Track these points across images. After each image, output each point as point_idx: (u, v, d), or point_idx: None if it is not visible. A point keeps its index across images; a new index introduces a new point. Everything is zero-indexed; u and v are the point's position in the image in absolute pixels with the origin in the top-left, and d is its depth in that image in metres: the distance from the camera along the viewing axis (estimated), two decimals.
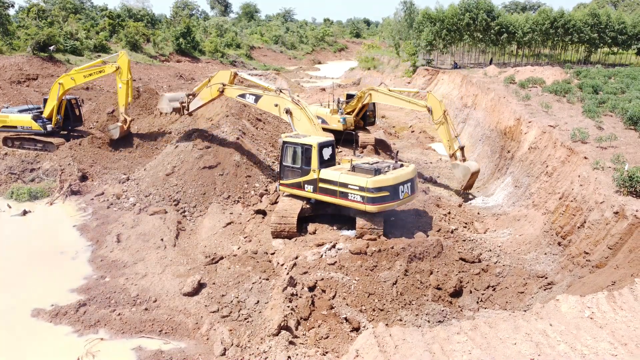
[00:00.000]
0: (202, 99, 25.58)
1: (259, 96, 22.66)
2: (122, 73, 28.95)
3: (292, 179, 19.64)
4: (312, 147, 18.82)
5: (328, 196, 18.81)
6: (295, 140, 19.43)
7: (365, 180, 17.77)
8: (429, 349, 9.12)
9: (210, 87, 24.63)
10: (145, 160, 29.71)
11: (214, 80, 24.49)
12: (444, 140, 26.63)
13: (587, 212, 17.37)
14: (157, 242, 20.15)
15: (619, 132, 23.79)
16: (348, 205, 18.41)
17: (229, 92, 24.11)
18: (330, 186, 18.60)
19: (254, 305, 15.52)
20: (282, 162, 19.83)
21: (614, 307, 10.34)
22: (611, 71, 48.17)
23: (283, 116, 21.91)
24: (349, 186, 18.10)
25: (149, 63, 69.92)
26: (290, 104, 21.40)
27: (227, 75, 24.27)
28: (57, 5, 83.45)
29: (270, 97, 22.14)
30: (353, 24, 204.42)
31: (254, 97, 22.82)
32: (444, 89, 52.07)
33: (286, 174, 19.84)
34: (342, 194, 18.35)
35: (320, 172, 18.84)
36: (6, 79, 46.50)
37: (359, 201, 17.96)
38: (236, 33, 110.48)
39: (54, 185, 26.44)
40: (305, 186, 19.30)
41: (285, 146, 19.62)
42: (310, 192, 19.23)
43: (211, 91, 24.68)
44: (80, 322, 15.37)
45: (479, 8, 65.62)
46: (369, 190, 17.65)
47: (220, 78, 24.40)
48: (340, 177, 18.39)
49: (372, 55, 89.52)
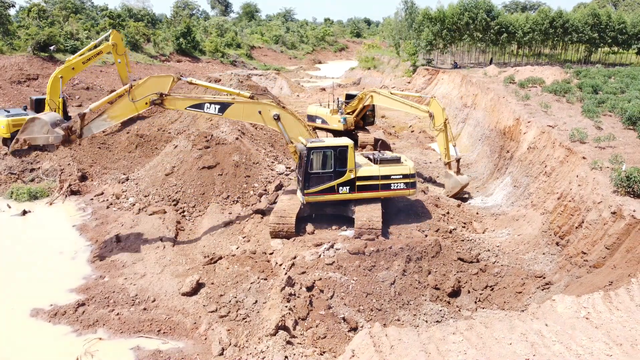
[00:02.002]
0: (114, 116, 18.70)
1: (226, 104, 18.95)
2: (118, 48, 31.80)
3: (322, 185, 18.98)
4: (347, 147, 18.87)
5: (368, 192, 19.50)
6: (323, 144, 18.94)
7: (407, 168, 19.75)
8: (425, 349, 9.16)
9: (132, 102, 18.40)
10: (144, 160, 29.76)
11: (142, 91, 18.44)
12: (441, 148, 26.64)
13: (585, 212, 17.40)
14: (156, 242, 20.20)
15: (618, 132, 23.81)
16: (391, 195, 20.02)
17: (172, 103, 18.89)
18: (371, 182, 19.44)
19: (252, 305, 15.57)
20: (309, 170, 18.70)
21: (610, 307, 10.37)
22: (611, 71, 48.20)
23: (270, 124, 19.47)
24: (391, 177, 19.58)
25: (149, 63, 70.00)
26: (277, 109, 19.42)
27: (165, 83, 18.78)
28: (57, 5, 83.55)
29: (249, 105, 19.19)
30: (354, 23, 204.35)
31: (219, 107, 18.86)
32: (444, 88, 52.07)
33: (313, 182, 18.91)
34: (384, 187, 19.63)
35: (357, 171, 19.19)
36: (6, 79, 46.55)
37: (403, 188, 19.86)
38: (236, 33, 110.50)
39: (53, 186, 26.50)
40: (340, 189, 19.13)
41: (311, 153, 18.64)
42: (347, 192, 19.26)
43: (134, 106, 18.57)
44: (79, 321, 15.41)
45: (478, 8, 65.65)
46: (412, 176, 19.79)
47: (152, 87, 18.54)
48: (380, 171, 19.51)
49: (373, 55, 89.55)
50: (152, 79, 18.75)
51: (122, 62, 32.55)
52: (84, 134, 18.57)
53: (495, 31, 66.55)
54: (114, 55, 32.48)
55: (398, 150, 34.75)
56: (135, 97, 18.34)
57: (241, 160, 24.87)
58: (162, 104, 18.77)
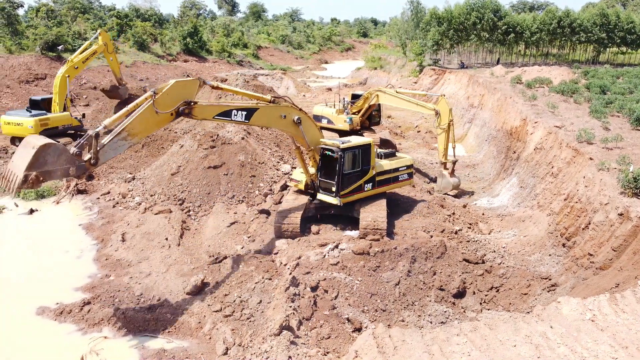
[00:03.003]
0: (135, 133, 14.25)
1: (252, 110, 16.54)
2: (108, 47, 33.91)
3: (353, 185, 19.06)
4: (370, 145, 19.35)
5: (385, 186, 20.42)
6: (353, 144, 19.01)
7: (408, 159, 21.54)
8: (428, 350, 9.12)
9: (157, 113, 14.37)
10: (150, 159, 29.87)
11: (168, 100, 14.54)
12: (440, 147, 26.69)
13: (592, 213, 17.27)
14: (162, 242, 20.25)
15: (626, 133, 23.62)
16: (399, 186, 21.39)
17: (201, 112, 15.47)
18: (385, 176, 20.32)
19: (257, 305, 15.57)
20: (343, 171, 18.45)
21: (616, 309, 10.28)
22: (620, 71, 47.84)
23: (290, 129, 17.77)
24: (399, 169, 20.84)
25: (156, 62, 70.24)
26: (298, 112, 17.78)
27: (191, 88, 15.17)
28: (65, 5, 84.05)
29: (272, 108, 17.17)
30: (360, 23, 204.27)
31: (245, 113, 16.39)
32: (451, 89, 51.89)
33: (346, 183, 18.81)
34: (394, 179, 20.76)
35: (376, 167, 19.85)
36: (15, 78, 46.92)
37: (407, 179, 21.37)
38: (243, 33, 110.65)
39: (60, 185, 26.65)
40: (365, 186, 19.54)
41: (344, 154, 18.42)
42: (370, 189, 19.77)
43: (158, 118, 14.59)
44: (85, 320, 15.49)
45: (485, 7, 65.39)
46: (412, 166, 21.50)
47: (179, 94, 14.76)
48: (391, 165, 20.59)
49: (379, 55, 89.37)
50: (178, 84, 14.89)
51: (114, 59, 35.21)
52: (100, 161, 13.87)
53: (502, 31, 66.27)
54: (105, 54, 34.64)
55: (404, 150, 34.68)
56: (160, 107, 14.38)
57: (247, 160, 24.90)
58: (190, 114, 15.13)
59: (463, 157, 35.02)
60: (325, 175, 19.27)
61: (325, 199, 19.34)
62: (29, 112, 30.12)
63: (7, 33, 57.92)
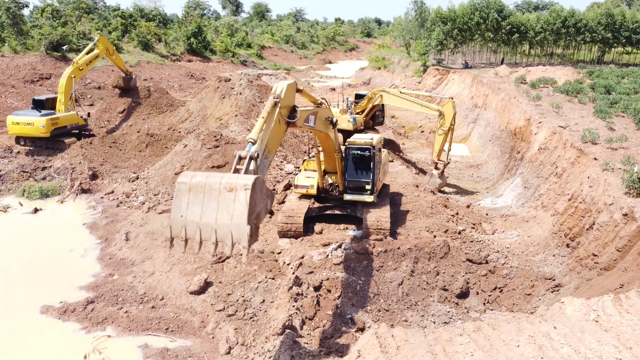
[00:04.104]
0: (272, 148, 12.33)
1: (315, 114, 15.07)
2: (109, 50, 35.39)
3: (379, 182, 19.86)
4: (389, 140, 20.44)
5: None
6: (379, 139, 19.83)
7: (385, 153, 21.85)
8: (431, 350, 9.10)
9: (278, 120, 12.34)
10: (154, 159, 29.94)
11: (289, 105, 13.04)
12: (436, 146, 26.66)
13: (596, 213, 17.19)
14: (165, 241, 20.26)
15: (631, 133, 23.51)
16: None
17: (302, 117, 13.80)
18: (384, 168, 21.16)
19: (260, 305, 15.58)
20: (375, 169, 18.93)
21: (620, 310, 10.23)
22: (625, 71, 47.61)
23: (329, 131, 16.38)
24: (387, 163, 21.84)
25: (160, 62, 70.39)
26: (332, 114, 16.99)
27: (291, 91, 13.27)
28: (70, 5, 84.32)
29: (326, 110, 16.11)
30: (364, 23, 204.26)
31: (313, 117, 14.93)
32: (455, 89, 51.79)
33: (378, 179, 19.27)
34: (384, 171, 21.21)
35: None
36: (20, 78, 47.12)
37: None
38: (247, 33, 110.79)
39: (64, 184, 26.74)
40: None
41: (378, 151, 19.18)
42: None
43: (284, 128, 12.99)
44: (88, 319, 15.53)
45: (490, 7, 65.24)
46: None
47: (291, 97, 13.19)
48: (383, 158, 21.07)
49: (383, 54, 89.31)
50: (292, 87, 13.19)
51: (117, 57, 37.01)
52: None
53: (506, 31, 66.11)
54: (107, 56, 36.10)
55: (407, 150, 34.63)
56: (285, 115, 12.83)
57: None
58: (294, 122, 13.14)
59: (467, 158, 34.96)
60: (354, 175, 18.99)
61: (356, 198, 19.00)
62: (39, 112, 30.23)
63: (13, 33, 58.17)
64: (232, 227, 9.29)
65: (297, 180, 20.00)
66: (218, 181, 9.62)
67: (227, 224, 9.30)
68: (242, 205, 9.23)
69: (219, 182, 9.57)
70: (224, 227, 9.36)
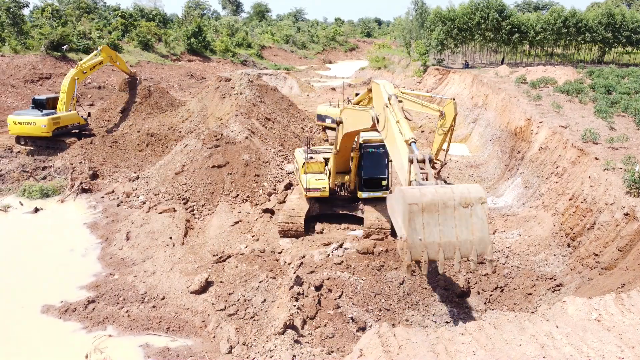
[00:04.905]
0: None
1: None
2: (113, 57, 36.65)
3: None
4: None
5: None
6: None
7: None
8: (433, 349, 9.08)
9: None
10: (155, 158, 29.94)
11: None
12: (434, 145, 26.51)
13: (597, 213, 17.17)
14: (166, 240, 20.29)
15: (631, 133, 23.49)
16: None
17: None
18: None
19: (261, 304, 15.57)
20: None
21: (622, 309, 10.21)
22: (625, 71, 47.57)
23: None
24: None
25: (160, 62, 70.38)
26: None
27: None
28: (70, 5, 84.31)
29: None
30: (364, 23, 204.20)
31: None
32: (455, 88, 51.76)
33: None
34: None
35: None
36: (20, 78, 47.11)
37: None
38: (247, 33, 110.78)
39: (65, 184, 26.73)
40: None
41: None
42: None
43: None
44: (89, 318, 15.53)
45: (490, 7, 65.23)
46: None
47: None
48: None
49: (383, 54, 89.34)
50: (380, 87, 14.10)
51: (121, 62, 38.21)
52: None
53: (507, 31, 66.07)
54: (111, 63, 37.09)
55: None
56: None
57: (251, 160, 24.91)
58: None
59: (467, 157, 34.93)
60: (371, 171, 19.18)
61: (372, 195, 19.23)
62: (40, 112, 30.22)
63: (13, 33, 58.13)
64: (474, 243, 9.51)
65: (307, 183, 19.64)
66: (450, 197, 9.68)
67: (469, 239, 9.47)
68: (481, 220, 9.53)
69: (452, 199, 9.64)
70: (465, 243, 9.52)
